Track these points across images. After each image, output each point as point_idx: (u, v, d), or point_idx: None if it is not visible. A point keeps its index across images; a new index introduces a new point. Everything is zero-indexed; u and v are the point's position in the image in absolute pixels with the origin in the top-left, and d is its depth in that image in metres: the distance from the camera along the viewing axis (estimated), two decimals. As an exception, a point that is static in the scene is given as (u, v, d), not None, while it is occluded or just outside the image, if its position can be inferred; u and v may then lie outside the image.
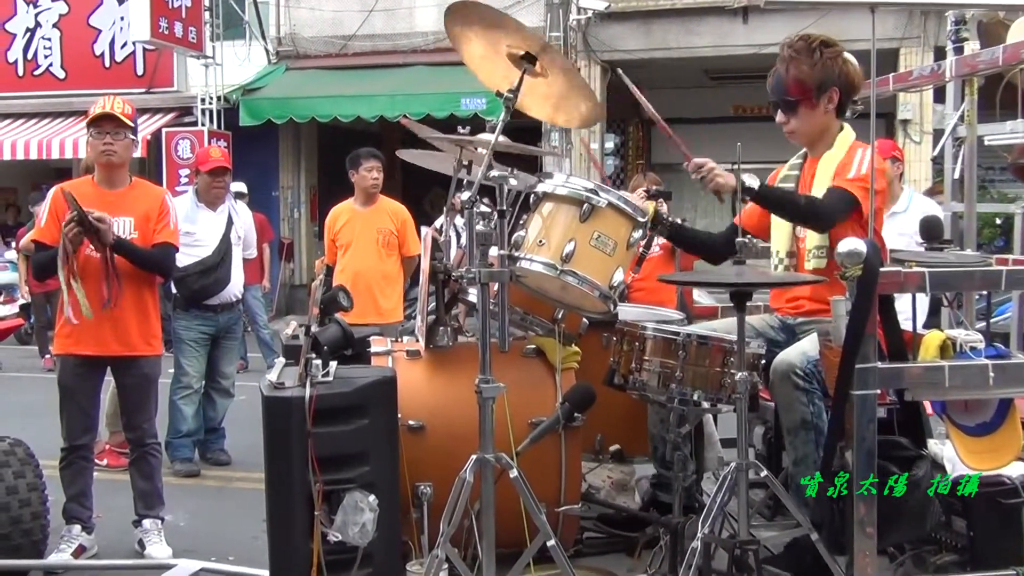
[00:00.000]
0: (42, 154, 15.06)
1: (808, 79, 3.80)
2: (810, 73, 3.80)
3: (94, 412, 4.82)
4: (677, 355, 3.43)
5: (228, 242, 6.55)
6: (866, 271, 3.17)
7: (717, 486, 3.41)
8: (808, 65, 3.80)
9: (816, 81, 3.81)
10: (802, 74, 3.80)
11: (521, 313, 3.81)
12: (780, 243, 3.99)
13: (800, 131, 3.93)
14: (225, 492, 6.13)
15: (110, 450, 6.49)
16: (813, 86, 3.81)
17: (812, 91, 3.82)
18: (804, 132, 3.93)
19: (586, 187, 3.48)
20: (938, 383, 3.32)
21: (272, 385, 3.36)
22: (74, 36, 16.12)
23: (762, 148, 7.72)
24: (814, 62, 3.80)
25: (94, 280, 4.51)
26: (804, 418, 3.59)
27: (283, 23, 16.27)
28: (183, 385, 6.45)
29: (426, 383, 3.88)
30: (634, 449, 4.43)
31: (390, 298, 6.77)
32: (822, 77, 3.81)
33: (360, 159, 6.84)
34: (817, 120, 3.89)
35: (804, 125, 3.90)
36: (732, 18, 13.63)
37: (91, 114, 4.70)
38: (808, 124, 3.90)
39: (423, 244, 3.94)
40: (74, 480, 4.68)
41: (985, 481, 3.62)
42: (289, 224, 16.85)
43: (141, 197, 4.81)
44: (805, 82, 3.81)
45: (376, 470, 3.34)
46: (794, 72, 3.82)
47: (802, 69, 3.80)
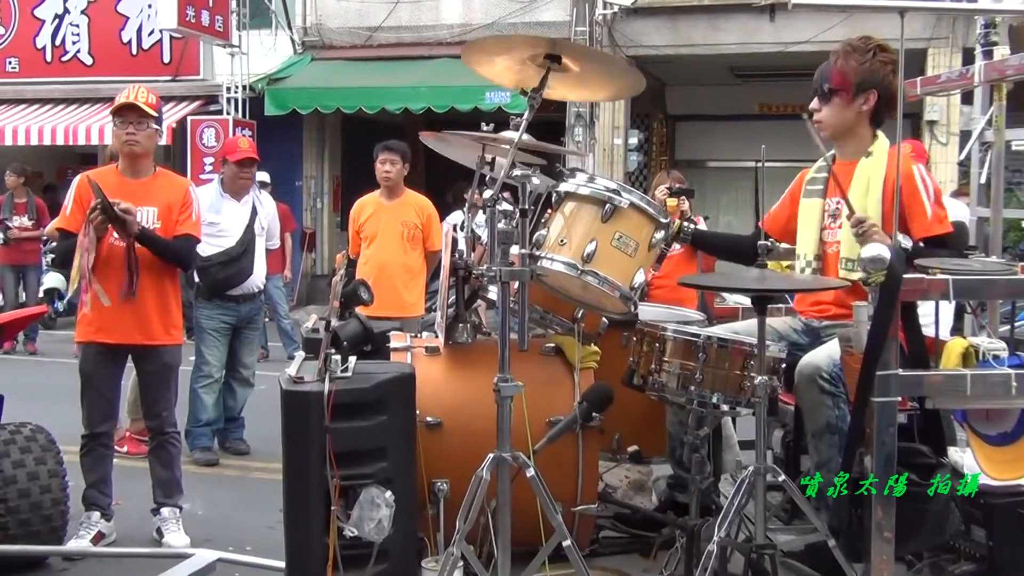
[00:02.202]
0: (68, 140, 15.14)
1: (851, 74, 3.82)
2: (856, 69, 3.82)
3: (115, 400, 4.85)
4: (697, 357, 3.41)
5: (252, 233, 6.56)
6: (889, 277, 3.14)
7: (735, 489, 3.38)
8: (857, 61, 3.82)
9: (859, 77, 3.81)
10: (848, 68, 3.83)
11: (541, 312, 3.80)
12: (807, 246, 3.97)
13: (827, 122, 3.91)
14: (244, 482, 6.16)
15: (130, 437, 6.53)
16: (854, 81, 3.81)
17: (852, 86, 3.82)
18: (831, 124, 3.91)
19: (608, 187, 3.46)
20: (959, 391, 3.28)
21: (291, 380, 3.36)
22: (102, 23, 16.18)
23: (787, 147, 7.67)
24: (863, 60, 3.82)
25: (116, 269, 4.53)
26: (829, 421, 3.56)
27: (309, 13, 16.28)
28: (204, 374, 6.48)
29: (445, 380, 3.87)
30: (652, 449, 4.42)
31: (413, 292, 6.77)
32: (865, 76, 3.81)
33: (378, 152, 6.84)
34: (847, 116, 3.87)
35: (833, 117, 3.89)
36: (759, 16, 13.53)
37: (115, 103, 4.72)
38: (837, 117, 3.88)
39: (444, 240, 3.93)
40: (94, 467, 4.72)
41: (1005, 491, 3.58)
42: (312, 214, 16.89)
43: (165, 187, 4.82)
44: (848, 76, 3.82)
45: (393, 466, 3.34)
46: (841, 64, 3.85)
47: (849, 63, 3.83)
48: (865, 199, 3.77)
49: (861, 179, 3.82)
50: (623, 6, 14.15)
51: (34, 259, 12.40)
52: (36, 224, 11.99)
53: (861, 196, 3.77)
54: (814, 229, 3.92)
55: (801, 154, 4.82)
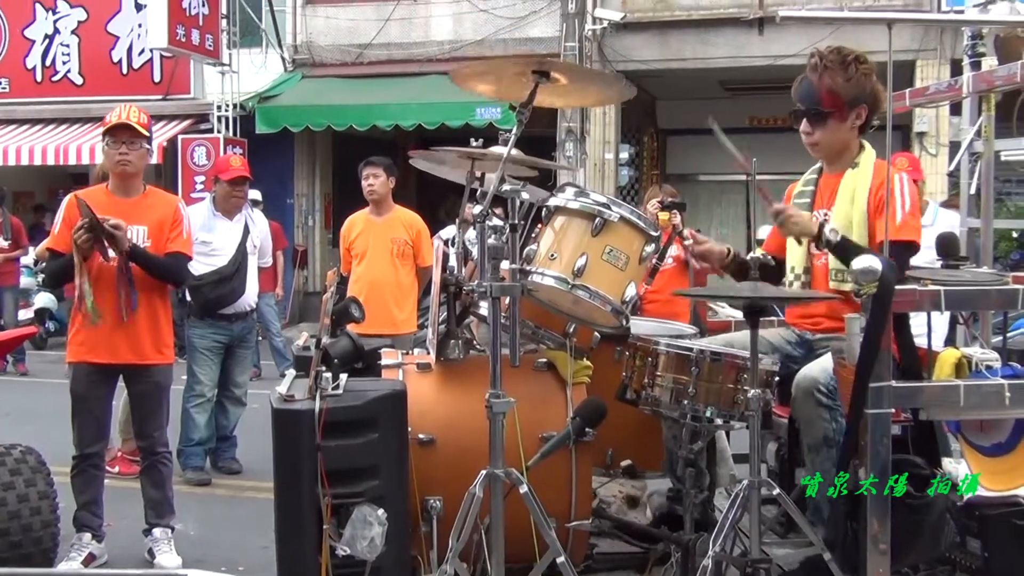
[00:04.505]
0: (59, 160, 15.12)
1: (842, 92, 3.73)
2: (844, 86, 3.73)
3: (106, 420, 4.83)
4: (690, 371, 3.40)
5: (244, 251, 6.56)
6: (881, 289, 3.14)
7: (729, 503, 3.37)
8: (843, 78, 3.73)
9: (849, 95, 3.74)
10: (837, 86, 3.73)
11: (532, 327, 3.78)
12: (795, 259, 3.96)
13: (824, 144, 3.85)
14: (236, 501, 6.13)
15: (122, 457, 6.50)
16: (846, 100, 3.74)
17: (844, 104, 3.75)
18: (828, 145, 3.86)
19: (598, 201, 3.46)
20: (953, 402, 3.28)
21: (282, 398, 3.34)
22: (92, 42, 16.18)
23: (777, 160, 7.70)
24: (848, 76, 3.73)
25: (110, 289, 4.51)
26: (826, 435, 3.54)
27: (299, 31, 16.32)
28: (196, 393, 6.46)
29: (437, 397, 3.85)
30: (646, 464, 4.40)
31: (404, 309, 6.75)
32: (855, 92, 3.75)
33: (361, 169, 6.84)
34: (843, 135, 3.83)
35: (830, 138, 3.83)
36: (748, 29, 13.56)
37: (107, 123, 4.72)
38: (834, 138, 3.83)
39: (435, 256, 3.92)
40: (85, 488, 4.69)
41: (1000, 502, 3.58)
42: (303, 232, 16.88)
43: (155, 205, 4.82)
44: (839, 94, 3.73)
45: (385, 484, 3.31)
46: (828, 83, 3.74)
47: (837, 81, 3.73)
48: (851, 209, 3.77)
49: (847, 190, 3.81)
50: (612, 21, 14.20)
51: (11, 280, 12.13)
52: (13, 245, 11.81)
53: (847, 207, 3.77)
54: (802, 242, 3.91)
55: (792, 166, 4.83)
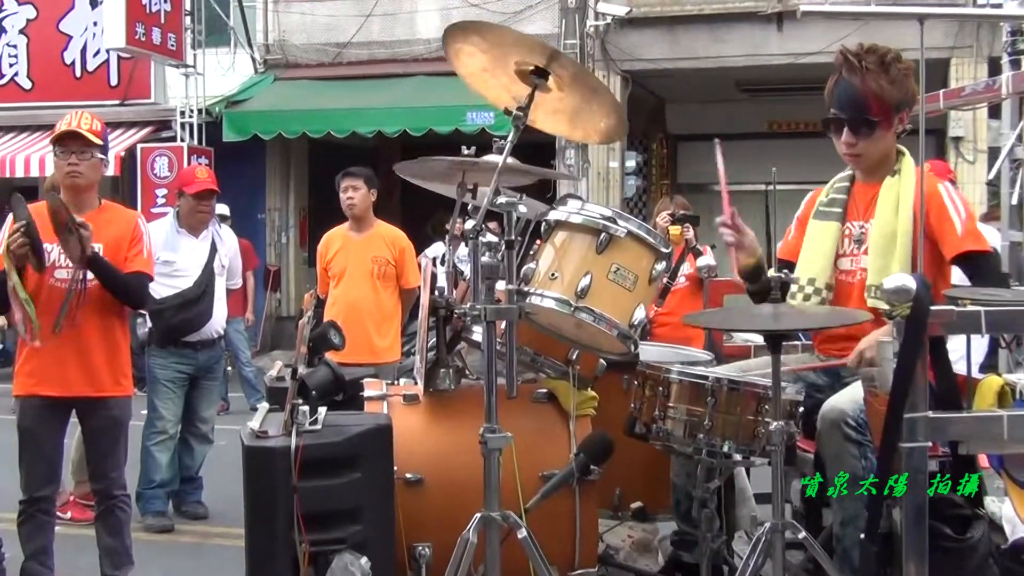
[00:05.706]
0: (4, 172, 15.12)
1: (889, 97, 3.71)
2: (891, 91, 3.70)
3: (57, 460, 4.82)
4: (705, 401, 3.41)
5: (211, 272, 6.55)
6: (915, 310, 3.14)
7: (750, 548, 3.37)
8: (887, 81, 3.70)
9: (895, 100, 3.73)
10: (883, 91, 3.69)
11: (531, 354, 3.78)
12: (816, 271, 3.91)
13: (869, 154, 3.83)
14: (202, 549, 6.11)
15: (75, 502, 6.48)
16: (892, 105, 3.73)
17: (892, 110, 3.74)
18: (873, 156, 3.84)
19: (603, 214, 3.47)
20: (996, 434, 3.27)
21: (254, 433, 3.34)
22: (42, 43, 16.24)
23: (799, 168, 7.74)
24: (892, 78, 3.70)
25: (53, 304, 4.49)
26: (855, 473, 3.53)
27: (271, 29, 16.39)
28: (157, 430, 6.44)
29: (425, 431, 3.85)
30: (657, 505, 4.40)
31: (386, 335, 6.75)
32: (900, 96, 3.74)
33: (339, 180, 6.85)
34: (888, 144, 3.83)
35: (876, 149, 3.82)
36: (765, 25, 13.65)
37: (56, 131, 4.73)
38: (881, 148, 3.82)
39: (423, 276, 3.93)
40: (33, 536, 4.67)
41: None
42: (276, 250, 16.90)
43: (111, 221, 4.82)
44: (887, 100, 3.71)
45: (369, 529, 3.32)
46: (875, 87, 3.69)
47: (882, 85, 3.69)
48: (894, 220, 3.77)
49: (889, 199, 3.80)
50: (617, 16, 14.25)
51: None
52: None
53: (889, 216, 3.77)
54: (827, 254, 3.89)
55: (815, 175, 4.84)
